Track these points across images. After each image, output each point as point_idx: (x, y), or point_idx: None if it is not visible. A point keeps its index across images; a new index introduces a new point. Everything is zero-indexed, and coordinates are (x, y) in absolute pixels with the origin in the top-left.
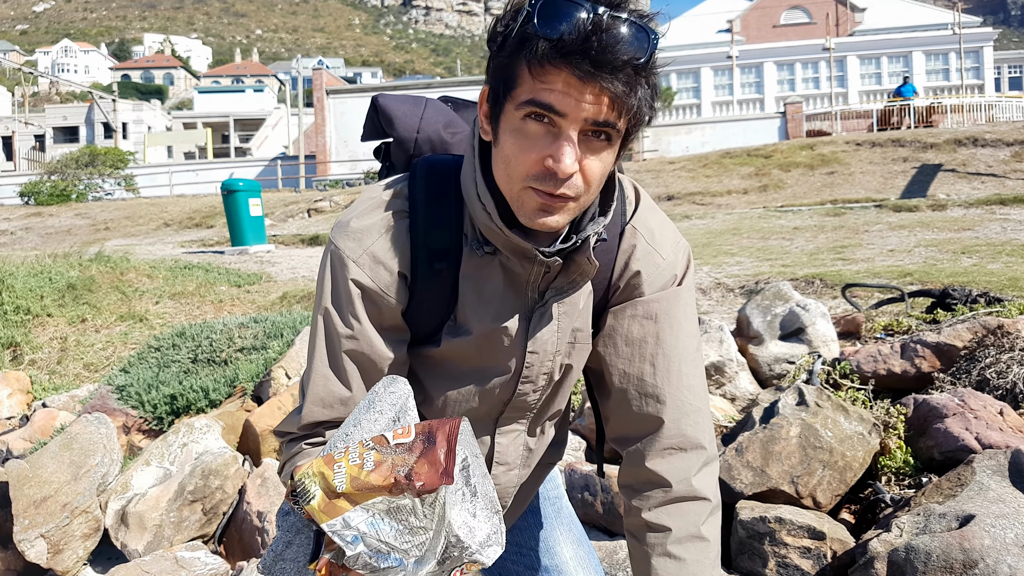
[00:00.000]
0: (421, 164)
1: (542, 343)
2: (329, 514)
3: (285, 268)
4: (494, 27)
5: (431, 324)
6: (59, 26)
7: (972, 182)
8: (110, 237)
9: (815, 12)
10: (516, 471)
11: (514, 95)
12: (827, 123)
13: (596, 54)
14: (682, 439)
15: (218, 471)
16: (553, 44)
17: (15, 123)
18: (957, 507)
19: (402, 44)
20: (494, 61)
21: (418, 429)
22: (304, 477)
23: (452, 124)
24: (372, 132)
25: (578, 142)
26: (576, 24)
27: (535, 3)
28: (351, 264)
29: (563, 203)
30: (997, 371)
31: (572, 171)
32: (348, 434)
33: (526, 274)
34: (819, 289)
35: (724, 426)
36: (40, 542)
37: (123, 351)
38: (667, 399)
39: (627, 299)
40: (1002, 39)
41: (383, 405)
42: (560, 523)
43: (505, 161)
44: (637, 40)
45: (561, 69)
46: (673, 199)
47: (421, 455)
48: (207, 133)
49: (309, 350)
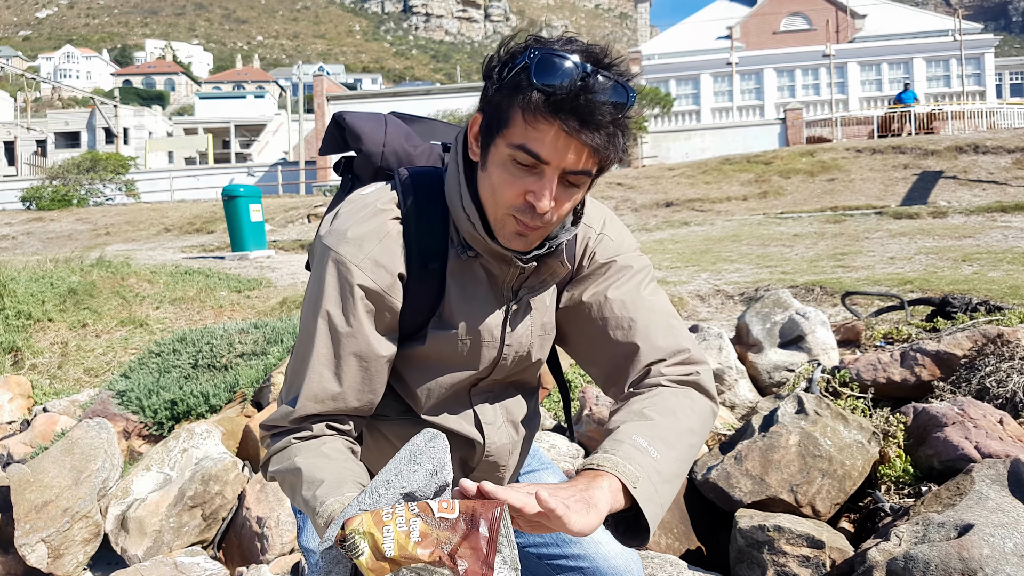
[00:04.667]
0: (406, 175)
1: (517, 335)
2: (377, 573)
3: (285, 274)
4: (489, 63)
5: (420, 319)
6: (61, 32)
7: (973, 189)
8: (111, 242)
9: (815, 19)
10: (504, 428)
11: (506, 133)
12: (827, 130)
13: (583, 113)
14: (688, 356)
15: (218, 476)
16: (546, 98)
17: (17, 128)
18: (956, 516)
19: (402, 50)
20: (490, 96)
21: (462, 508)
22: (355, 533)
23: (411, 137)
24: (332, 146)
25: (557, 183)
26: (567, 82)
27: (532, 57)
28: (355, 269)
29: (537, 232)
30: (997, 380)
31: (548, 209)
32: (389, 482)
33: (503, 275)
34: (819, 297)
35: (723, 434)
36: (41, 547)
37: (124, 356)
38: (638, 320)
39: (590, 271)
40: (1003, 45)
41: (423, 458)
42: (543, 467)
43: (491, 188)
44: (618, 98)
45: (552, 123)
46: (672, 205)
47: (463, 537)
48: (208, 139)
49: (301, 350)
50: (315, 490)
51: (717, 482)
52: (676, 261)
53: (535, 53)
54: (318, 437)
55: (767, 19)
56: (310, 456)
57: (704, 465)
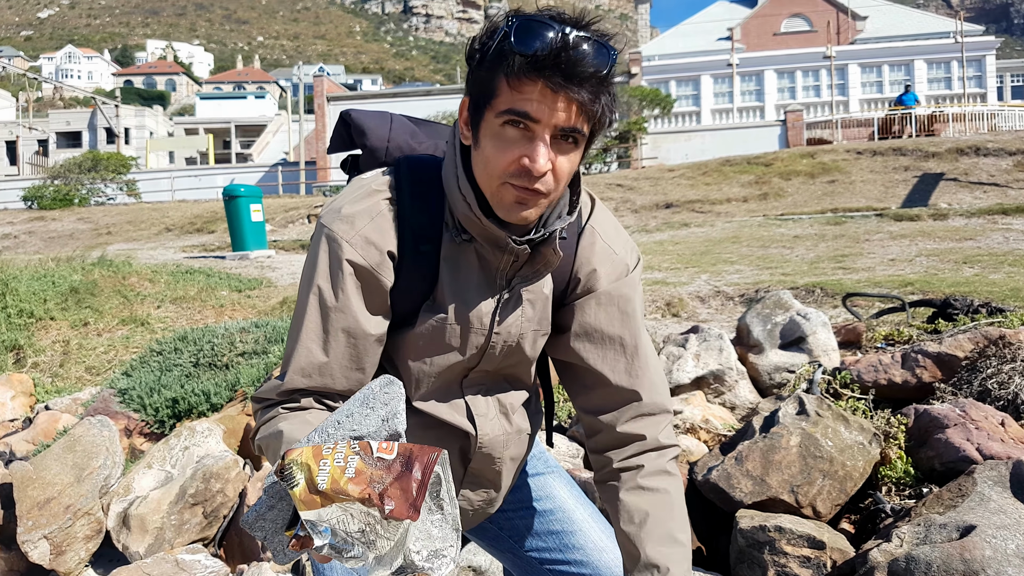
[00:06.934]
0: (404, 160)
1: (507, 325)
2: (308, 506)
3: (285, 273)
4: (472, 45)
5: (413, 302)
6: (63, 32)
7: (974, 191)
8: (112, 241)
9: (816, 20)
10: (496, 420)
11: (493, 104)
12: (828, 131)
13: (566, 68)
14: (654, 406)
15: (219, 474)
16: (528, 59)
17: (19, 128)
18: (958, 518)
19: (402, 51)
20: (473, 74)
21: (400, 450)
22: (292, 463)
23: (416, 135)
24: (339, 144)
25: (550, 145)
26: (547, 42)
27: (512, 24)
28: (345, 245)
29: (537, 197)
30: (999, 382)
31: (545, 169)
32: (339, 423)
33: (497, 261)
34: (820, 298)
35: (723, 435)
36: (43, 543)
37: (125, 355)
38: (639, 373)
39: (587, 292)
40: (1004, 48)
41: (376, 403)
42: (550, 470)
43: (485, 161)
44: (599, 56)
45: (536, 81)
46: (672, 207)
47: (396, 478)
48: (209, 139)
49: (293, 326)
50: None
51: (718, 482)
52: (676, 262)
53: (513, 20)
54: (305, 408)
55: (768, 20)
56: (293, 422)
57: (704, 465)
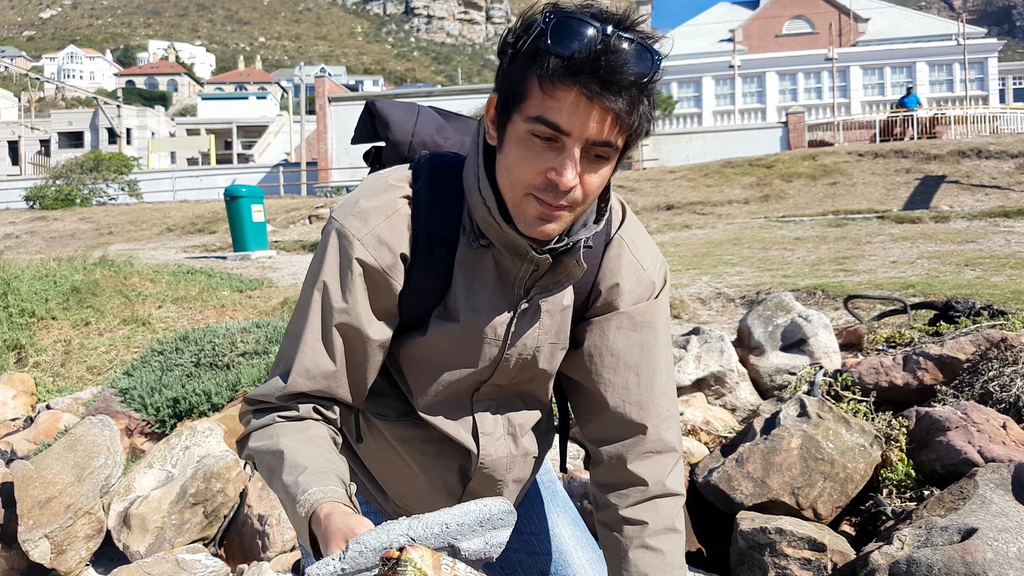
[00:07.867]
0: (427, 157)
1: (523, 337)
2: None
3: (286, 274)
4: (505, 38)
5: (423, 308)
6: (65, 32)
7: (976, 194)
8: (113, 241)
9: (818, 22)
10: (502, 441)
11: (523, 107)
12: (829, 133)
13: (604, 74)
14: (660, 443)
15: (220, 474)
16: (564, 62)
17: (21, 128)
18: (959, 520)
19: (404, 52)
20: (504, 71)
21: None
22: (409, 562)
23: (443, 130)
24: (364, 135)
25: (579, 158)
26: (586, 43)
27: (548, 21)
28: (356, 243)
29: (560, 212)
30: (1000, 384)
31: (573, 185)
32: (447, 526)
33: (515, 270)
34: (821, 300)
35: (724, 436)
36: (44, 542)
37: (126, 354)
38: (650, 407)
39: (608, 309)
40: (1007, 50)
41: (489, 526)
42: (556, 505)
43: (508, 168)
44: (642, 60)
45: (571, 87)
46: (673, 208)
47: None
48: (210, 139)
49: (296, 323)
50: (297, 476)
51: (718, 484)
52: (677, 264)
53: (551, 17)
54: (303, 420)
55: (769, 22)
56: (294, 439)
57: (705, 467)
